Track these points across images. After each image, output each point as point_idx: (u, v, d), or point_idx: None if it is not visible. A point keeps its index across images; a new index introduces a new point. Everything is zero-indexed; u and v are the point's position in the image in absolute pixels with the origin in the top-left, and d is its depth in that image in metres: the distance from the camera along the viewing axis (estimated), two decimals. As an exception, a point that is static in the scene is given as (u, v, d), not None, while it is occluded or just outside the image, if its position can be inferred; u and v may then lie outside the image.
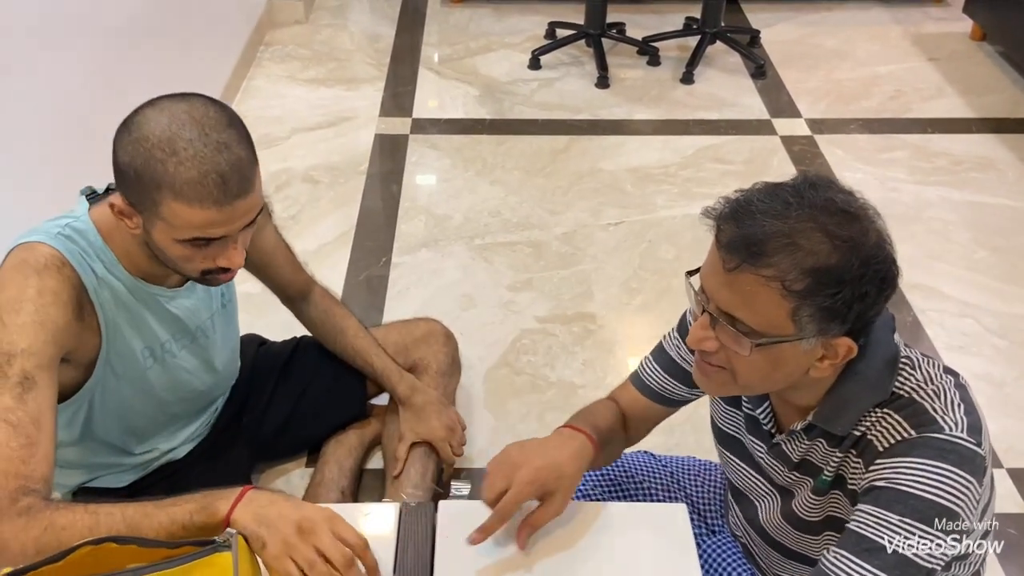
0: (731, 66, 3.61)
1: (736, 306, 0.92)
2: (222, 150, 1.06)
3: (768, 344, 0.93)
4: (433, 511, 1.17)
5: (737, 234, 0.90)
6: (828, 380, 1.00)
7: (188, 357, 1.38)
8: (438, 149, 3.08)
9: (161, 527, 0.99)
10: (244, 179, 1.08)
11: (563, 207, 2.78)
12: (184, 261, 1.15)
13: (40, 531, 0.99)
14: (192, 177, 1.05)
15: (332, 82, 3.47)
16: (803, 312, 0.90)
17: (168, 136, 1.05)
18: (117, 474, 1.44)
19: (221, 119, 1.08)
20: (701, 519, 1.33)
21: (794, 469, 1.08)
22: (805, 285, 0.88)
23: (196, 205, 1.06)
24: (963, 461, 0.91)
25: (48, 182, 1.99)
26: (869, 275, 0.89)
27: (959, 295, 2.42)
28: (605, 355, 2.24)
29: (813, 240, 0.88)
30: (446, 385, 1.82)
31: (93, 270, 1.18)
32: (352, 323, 1.71)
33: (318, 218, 2.72)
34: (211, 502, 0.99)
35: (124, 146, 1.07)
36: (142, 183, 1.07)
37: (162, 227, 1.10)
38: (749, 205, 0.91)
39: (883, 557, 0.91)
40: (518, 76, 3.53)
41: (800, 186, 0.92)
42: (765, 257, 0.88)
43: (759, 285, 0.89)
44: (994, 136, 3.11)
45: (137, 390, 1.33)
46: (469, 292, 2.44)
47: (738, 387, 1.01)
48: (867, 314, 0.92)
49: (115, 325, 1.23)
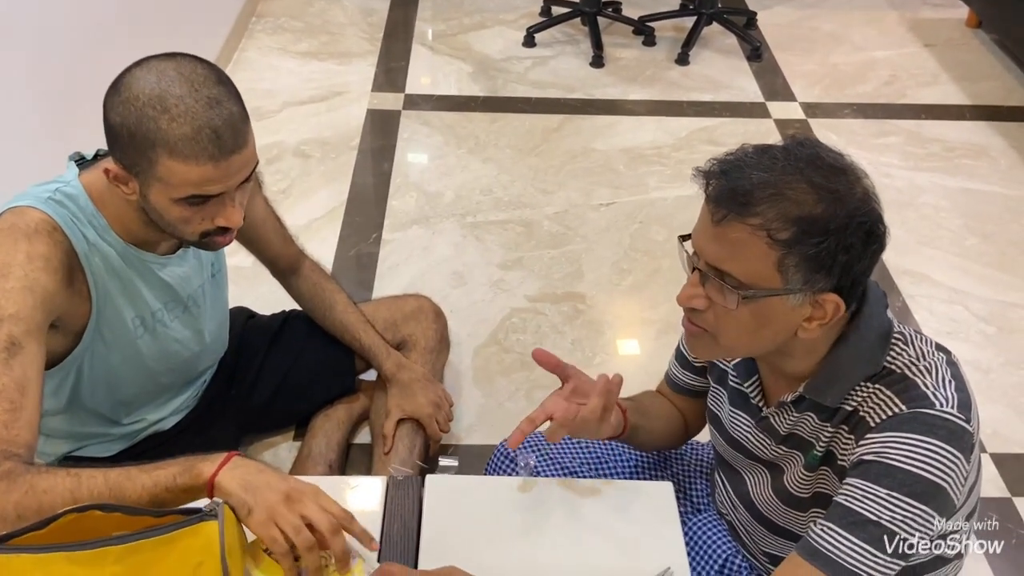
0: (727, 48, 3.59)
1: (724, 259, 0.94)
2: (214, 105, 1.05)
3: (755, 297, 0.94)
4: (420, 486, 1.17)
5: (725, 187, 0.92)
6: (820, 348, 1.01)
7: (179, 327, 1.38)
8: (430, 126, 3.06)
9: (144, 490, 0.98)
10: (238, 133, 1.07)
11: (555, 186, 2.76)
12: (183, 223, 1.14)
13: (21, 494, 0.98)
14: (186, 133, 1.04)
15: (324, 56, 3.44)
16: (788, 261, 0.91)
17: (158, 93, 1.04)
18: (104, 444, 1.43)
19: (210, 76, 1.08)
20: (687, 497, 1.34)
21: (781, 443, 1.09)
22: (790, 234, 0.90)
23: (192, 162, 1.05)
24: (952, 437, 0.92)
25: (39, 151, 1.96)
26: (853, 227, 0.90)
27: (948, 281, 2.43)
28: (594, 335, 2.25)
29: (798, 191, 0.90)
30: (434, 362, 1.82)
31: (84, 236, 1.17)
32: (341, 298, 1.71)
33: (308, 193, 2.70)
34: (194, 464, 0.98)
35: (115, 107, 1.06)
36: (136, 143, 1.06)
37: (159, 188, 1.09)
38: (738, 161, 0.94)
39: (869, 530, 0.92)
40: (512, 53, 3.50)
41: (789, 144, 0.95)
42: (751, 207, 0.90)
43: (746, 235, 0.91)
44: (987, 123, 3.11)
45: (126, 359, 1.32)
46: (459, 270, 2.43)
47: (721, 348, 1.02)
48: (853, 267, 0.92)
49: (106, 292, 1.22)
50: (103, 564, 0.86)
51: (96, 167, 1.19)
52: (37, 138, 2.00)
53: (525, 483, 1.18)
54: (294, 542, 0.93)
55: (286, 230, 1.63)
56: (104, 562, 0.86)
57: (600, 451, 1.37)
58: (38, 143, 2.00)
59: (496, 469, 1.37)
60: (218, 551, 0.89)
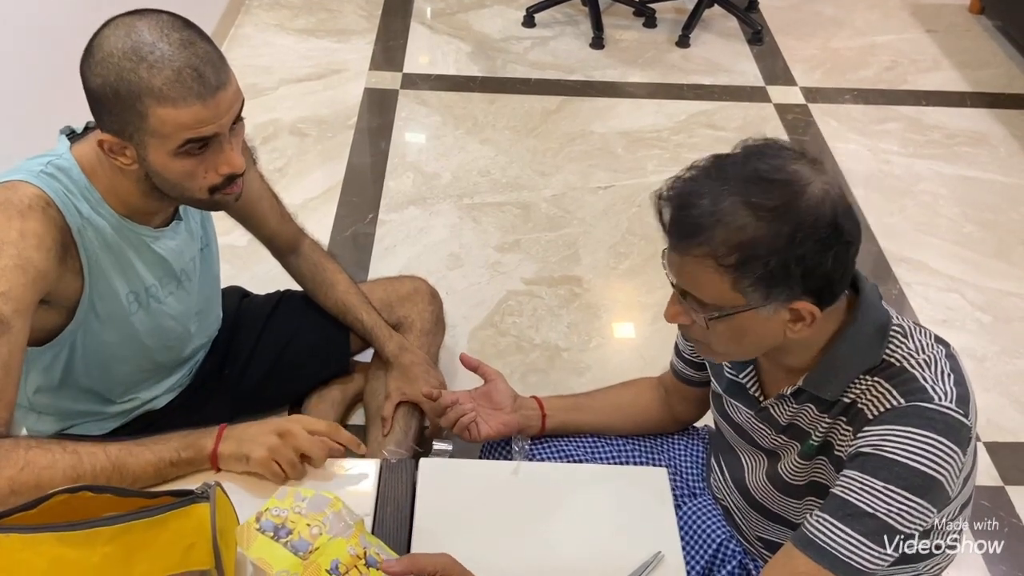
0: (728, 31, 3.56)
1: (688, 284, 0.97)
2: (187, 45, 1.06)
3: (722, 317, 0.96)
4: (414, 468, 1.17)
5: (673, 217, 0.95)
6: (817, 342, 1.01)
7: (173, 303, 1.37)
8: (428, 106, 3.04)
9: (149, 464, 1.05)
10: (219, 70, 1.08)
11: (553, 169, 2.75)
12: (188, 179, 1.14)
13: (16, 470, 0.98)
14: (168, 77, 1.04)
15: (322, 33, 3.40)
16: (743, 283, 0.92)
17: (131, 45, 1.04)
18: (97, 422, 1.42)
19: (176, 21, 1.08)
20: (683, 481, 1.34)
21: (781, 433, 1.09)
22: (735, 259, 0.91)
23: (181, 104, 1.05)
24: (949, 431, 0.92)
25: (31, 127, 1.94)
26: (801, 237, 0.89)
27: (945, 269, 2.42)
28: (590, 319, 2.24)
29: (739, 216, 0.91)
30: (430, 344, 1.81)
31: (78, 210, 1.16)
32: (343, 278, 1.70)
33: (305, 172, 2.68)
34: (196, 439, 1.09)
35: (92, 70, 1.06)
36: (121, 99, 1.06)
37: (155, 144, 1.09)
38: (686, 186, 0.95)
39: (865, 522, 0.92)
40: (511, 33, 3.47)
41: (736, 158, 0.95)
42: (695, 237, 0.92)
43: (696, 264, 0.94)
44: (988, 111, 3.10)
45: (121, 335, 1.31)
46: (456, 251, 2.42)
47: (718, 355, 1.05)
48: (814, 273, 0.92)
49: (99, 268, 1.21)
50: (94, 545, 0.86)
51: (87, 140, 1.17)
52: (28, 115, 1.98)
53: (519, 467, 1.18)
54: (290, 476, 1.10)
55: (283, 208, 1.61)
56: (95, 543, 0.86)
57: (596, 436, 1.37)
58: (29, 120, 1.97)
59: (490, 453, 1.37)
60: (209, 533, 0.89)
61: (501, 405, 1.31)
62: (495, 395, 1.32)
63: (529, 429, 1.32)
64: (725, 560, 1.23)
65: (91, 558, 0.86)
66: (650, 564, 1.04)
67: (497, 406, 1.31)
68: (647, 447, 1.38)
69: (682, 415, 1.38)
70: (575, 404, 1.37)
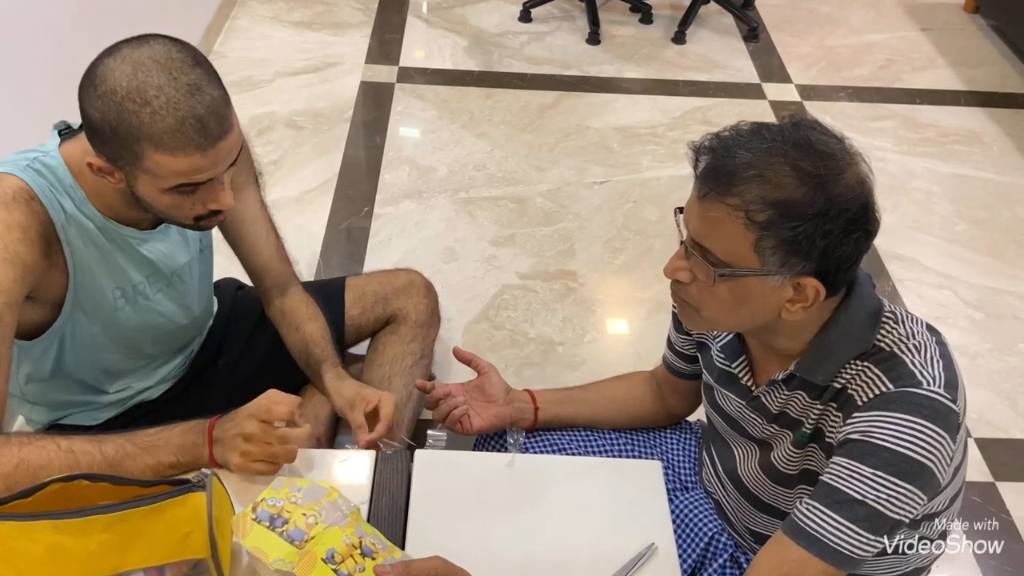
0: (724, 27, 3.57)
1: (704, 235, 0.95)
2: (195, 92, 1.03)
3: (732, 276, 0.95)
4: (409, 459, 1.17)
5: (710, 164, 0.94)
6: (810, 327, 1.01)
7: (163, 300, 1.36)
8: (424, 100, 3.03)
9: (148, 467, 1.04)
10: (222, 119, 1.06)
11: (549, 163, 2.75)
12: (174, 210, 1.13)
13: (11, 468, 0.98)
14: (170, 125, 1.02)
15: (318, 26, 3.40)
16: (765, 243, 0.92)
17: (136, 86, 1.01)
18: (90, 412, 1.42)
19: (186, 59, 1.04)
20: (675, 475, 1.35)
21: (773, 422, 1.10)
22: (767, 216, 0.90)
23: (180, 154, 1.04)
24: (938, 416, 0.93)
25: (27, 117, 1.94)
26: (834, 213, 0.90)
27: (938, 266, 2.44)
28: (585, 313, 2.25)
29: (780, 173, 0.90)
30: (424, 337, 1.81)
31: (62, 206, 1.15)
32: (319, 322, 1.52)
33: (300, 165, 2.68)
34: (192, 447, 1.08)
35: (92, 102, 1.04)
36: (119, 138, 1.04)
37: (146, 179, 1.08)
38: (728, 139, 0.95)
39: (854, 509, 0.93)
40: (508, 28, 3.47)
41: (784, 125, 0.95)
42: (732, 187, 0.91)
43: (725, 214, 0.92)
44: (982, 109, 3.11)
45: (108, 329, 1.30)
46: (451, 245, 2.42)
47: (705, 321, 1.03)
48: (834, 253, 0.92)
49: (84, 264, 1.20)
50: (90, 533, 0.86)
51: (79, 138, 1.16)
52: (24, 105, 1.97)
53: (514, 459, 1.18)
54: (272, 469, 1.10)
55: (281, 243, 1.51)
56: (91, 531, 0.86)
57: (589, 429, 1.38)
58: (25, 110, 1.97)
59: (484, 446, 1.38)
60: (206, 522, 0.89)
61: (494, 398, 1.32)
62: (488, 388, 1.32)
63: (522, 422, 1.33)
64: (717, 553, 1.24)
65: (87, 546, 0.86)
66: (643, 556, 1.04)
67: (490, 399, 1.32)
68: (640, 441, 1.39)
69: (675, 408, 1.38)
70: (568, 397, 1.37)
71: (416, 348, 1.74)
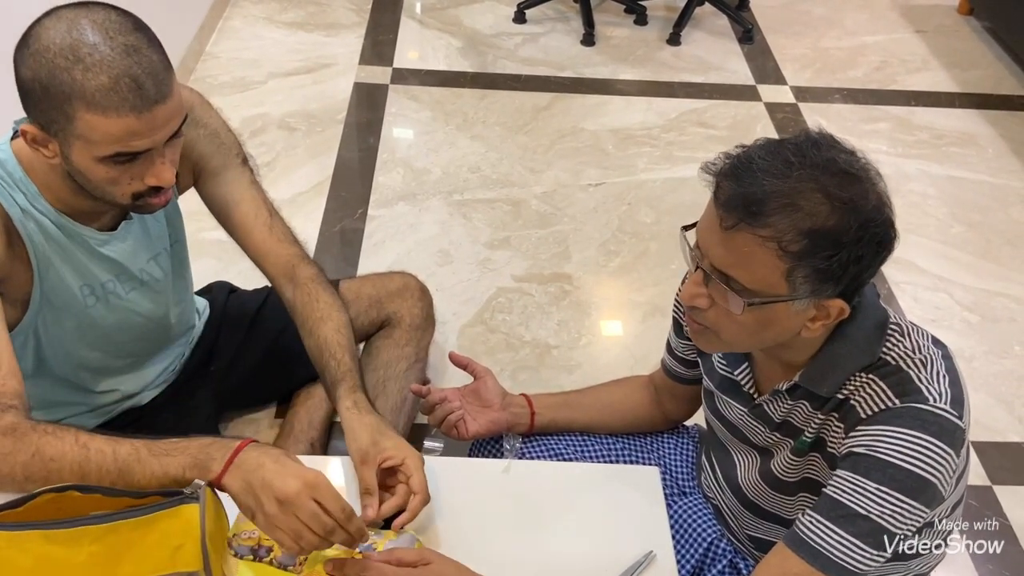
0: (719, 29, 3.57)
1: (731, 264, 0.91)
2: (131, 53, 0.99)
3: (760, 304, 0.92)
4: (404, 467, 1.15)
5: (736, 192, 0.89)
6: (818, 340, 1.00)
7: (139, 299, 1.33)
8: (418, 101, 3.02)
9: (153, 476, 0.95)
10: (160, 82, 1.01)
11: (543, 166, 2.74)
12: (110, 184, 1.08)
13: (28, 456, 0.95)
14: (103, 83, 0.98)
15: (311, 26, 3.38)
16: (798, 273, 0.89)
17: (70, 43, 0.98)
18: (79, 416, 1.40)
19: (125, 23, 1.01)
20: (673, 480, 1.34)
21: (775, 430, 1.09)
22: (802, 247, 0.87)
23: (112, 114, 1.00)
24: (943, 433, 0.92)
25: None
26: (867, 238, 0.88)
27: (933, 269, 2.43)
28: (580, 316, 2.24)
29: (812, 201, 0.87)
30: (419, 340, 1.80)
31: (15, 200, 1.12)
32: (337, 316, 1.37)
33: (293, 166, 2.66)
34: (205, 461, 0.94)
35: (24, 60, 1.00)
36: (50, 97, 1.00)
37: (80, 146, 1.03)
38: (750, 163, 0.90)
39: (857, 524, 0.92)
40: (502, 29, 3.46)
41: (803, 144, 0.91)
42: (763, 217, 0.87)
43: (755, 245, 0.88)
44: (976, 111, 3.11)
45: (83, 326, 1.27)
46: (446, 248, 2.41)
47: (724, 344, 1.01)
48: (861, 276, 0.92)
49: (46, 258, 1.17)
50: (80, 544, 0.85)
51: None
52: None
53: (510, 466, 1.17)
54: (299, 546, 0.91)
55: (280, 222, 1.42)
56: (82, 542, 0.85)
57: (588, 435, 1.37)
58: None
59: (481, 451, 1.36)
60: (198, 534, 0.88)
61: (490, 402, 1.30)
62: (484, 392, 1.31)
63: (518, 427, 1.31)
64: (716, 559, 1.23)
65: (77, 557, 0.84)
66: (642, 563, 1.03)
67: (486, 403, 1.30)
68: (637, 445, 1.38)
69: (673, 413, 1.37)
70: (564, 402, 1.36)
71: (411, 352, 1.73)
